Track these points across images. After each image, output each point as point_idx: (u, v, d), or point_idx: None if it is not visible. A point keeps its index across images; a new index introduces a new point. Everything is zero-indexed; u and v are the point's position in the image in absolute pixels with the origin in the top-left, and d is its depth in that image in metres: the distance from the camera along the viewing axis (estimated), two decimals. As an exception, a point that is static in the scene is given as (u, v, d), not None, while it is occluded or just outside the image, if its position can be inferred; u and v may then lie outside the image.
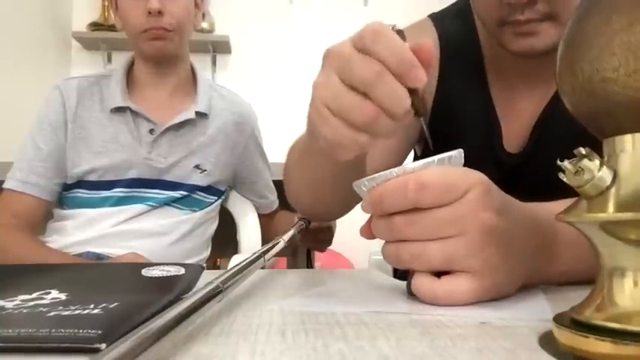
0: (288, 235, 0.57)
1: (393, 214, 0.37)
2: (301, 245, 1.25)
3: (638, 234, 0.24)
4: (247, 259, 0.40)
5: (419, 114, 0.38)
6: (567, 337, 0.24)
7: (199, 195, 1.13)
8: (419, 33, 0.75)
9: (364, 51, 0.36)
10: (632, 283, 0.24)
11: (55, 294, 0.34)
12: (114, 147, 1.06)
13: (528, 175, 0.69)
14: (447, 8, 0.78)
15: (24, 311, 0.30)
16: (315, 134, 0.42)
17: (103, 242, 1.02)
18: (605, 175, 0.24)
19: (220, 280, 0.31)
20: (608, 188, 0.24)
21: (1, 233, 1.01)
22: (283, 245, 0.53)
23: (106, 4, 2.70)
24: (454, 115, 0.72)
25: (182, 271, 0.40)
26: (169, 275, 0.39)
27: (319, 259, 2.47)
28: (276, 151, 1.17)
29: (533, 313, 0.34)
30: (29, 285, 0.36)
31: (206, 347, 0.26)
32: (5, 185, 1.05)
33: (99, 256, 1.01)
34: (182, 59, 1.14)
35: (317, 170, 0.55)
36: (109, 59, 2.83)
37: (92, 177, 1.06)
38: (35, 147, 1.06)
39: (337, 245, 1.06)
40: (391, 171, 0.37)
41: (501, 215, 0.37)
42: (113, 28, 2.61)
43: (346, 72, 0.37)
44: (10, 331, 0.26)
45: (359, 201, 0.62)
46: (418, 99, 0.37)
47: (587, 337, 0.23)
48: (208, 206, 1.15)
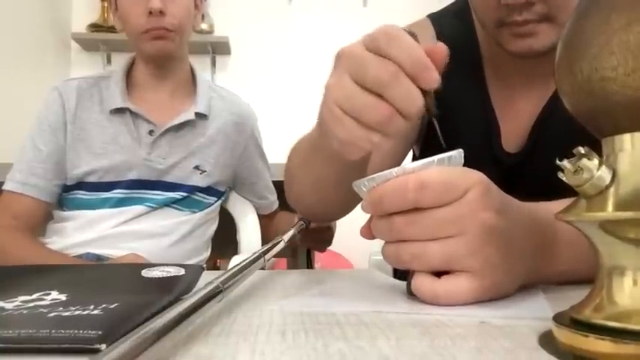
0: (288, 236, 0.57)
1: (393, 214, 0.37)
2: (301, 245, 1.25)
3: (637, 233, 0.24)
4: (247, 260, 0.40)
5: (431, 114, 0.38)
6: (567, 337, 0.25)
7: (199, 196, 1.13)
8: (417, 33, 0.75)
9: (379, 52, 0.37)
10: (631, 282, 0.24)
11: (55, 295, 0.34)
12: (113, 148, 1.06)
13: (527, 175, 0.69)
14: (446, 8, 0.78)
15: (24, 312, 0.30)
16: (327, 134, 0.42)
17: (103, 243, 1.02)
18: (604, 175, 0.24)
19: (220, 281, 0.31)
20: (607, 187, 0.24)
21: (1, 235, 1.01)
22: (283, 245, 0.53)
23: (106, 6, 2.70)
24: (452, 115, 0.72)
25: (182, 272, 0.40)
26: (169, 276, 0.39)
27: (319, 260, 2.47)
28: (276, 152, 1.17)
29: (532, 313, 0.34)
30: (29, 286, 0.36)
31: (206, 347, 0.26)
32: (5, 187, 1.05)
33: (99, 257, 1.01)
34: (182, 60, 1.14)
35: (322, 170, 0.55)
36: (109, 60, 2.83)
37: (92, 178, 1.06)
38: (35, 148, 1.06)
39: (337, 245, 1.06)
40: (391, 171, 0.37)
41: (501, 215, 0.37)
42: (112, 30, 2.61)
43: (360, 73, 0.37)
44: (10, 332, 0.26)
45: (359, 202, 0.63)
46: (431, 99, 0.38)
47: (586, 336, 0.23)
48: (208, 207, 1.15)
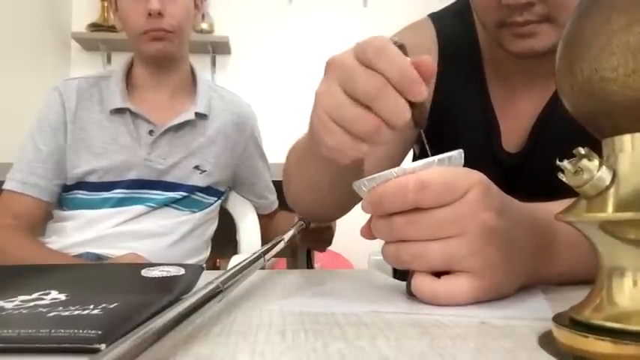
0: (288, 236, 0.57)
1: (393, 215, 0.37)
2: (301, 245, 1.25)
3: (637, 234, 0.24)
4: (247, 259, 0.40)
5: (418, 126, 0.39)
6: (567, 337, 0.24)
7: (199, 196, 1.13)
8: (418, 33, 0.75)
9: (368, 65, 0.37)
10: (631, 283, 0.24)
11: (55, 294, 0.34)
12: (114, 148, 1.06)
13: (527, 175, 0.69)
14: (447, 8, 0.78)
15: (24, 312, 0.30)
16: (316, 140, 0.43)
17: (103, 243, 1.02)
18: (604, 175, 0.24)
19: (220, 280, 0.31)
20: (607, 188, 0.24)
21: (1, 234, 1.01)
22: (283, 245, 0.53)
23: (106, 5, 2.70)
24: (453, 115, 0.72)
25: (182, 272, 0.40)
26: (169, 276, 0.39)
27: (319, 260, 2.47)
28: (276, 152, 1.17)
29: (532, 313, 0.34)
30: (29, 285, 0.36)
31: (206, 347, 0.26)
32: (5, 186, 1.05)
33: (99, 257, 1.01)
34: (182, 60, 1.14)
35: (316, 172, 0.55)
36: (109, 60, 2.83)
37: (92, 178, 1.06)
38: (35, 148, 1.06)
39: (337, 245, 1.06)
40: (391, 171, 0.37)
41: (501, 215, 0.37)
42: (113, 29, 2.61)
43: (350, 84, 0.38)
44: (10, 332, 0.26)
45: (357, 202, 0.63)
46: (418, 111, 0.38)
47: (586, 337, 0.23)
48: (208, 207, 1.15)
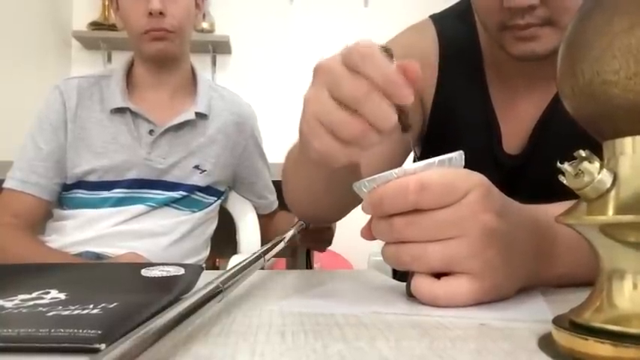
0: (287, 236, 0.57)
1: (394, 216, 0.37)
2: (301, 245, 1.25)
3: (637, 236, 0.24)
4: (247, 260, 0.40)
5: (405, 129, 0.39)
6: (566, 339, 0.24)
7: (199, 195, 1.13)
8: (419, 34, 0.75)
9: (354, 69, 0.37)
10: (631, 286, 0.24)
11: (55, 294, 0.34)
12: (114, 147, 1.06)
13: (528, 177, 0.69)
14: (449, 8, 0.78)
15: (23, 311, 0.30)
16: (306, 145, 0.43)
17: (103, 242, 1.02)
18: (605, 178, 0.24)
19: (220, 280, 0.31)
20: (608, 191, 0.24)
21: (1, 233, 1.01)
22: (283, 245, 0.53)
23: (107, 4, 2.69)
24: (453, 116, 0.72)
25: (182, 272, 0.40)
26: (169, 275, 0.39)
27: (319, 260, 2.47)
28: (276, 152, 1.17)
29: (532, 315, 0.34)
30: (28, 284, 0.36)
31: (206, 347, 0.26)
32: (5, 185, 1.05)
33: (98, 256, 1.01)
34: (182, 60, 1.14)
35: (310, 176, 0.55)
36: (109, 59, 2.83)
37: (92, 177, 1.06)
38: (35, 147, 1.06)
39: (337, 246, 1.06)
40: (391, 172, 0.37)
41: (502, 217, 0.37)
42: (113, 28, 2.61)
43: (336, 89, 0.38)
44: (10, 331, 0.26)
45: (356, 204, 0.63)
46: (405, 115, 0.38)
47: (586, 340, 0.23)
48: (208, 207, 1.15)
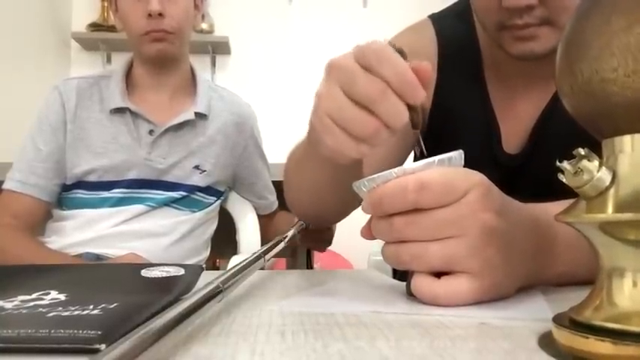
0: (288, 236, 0.57)
1: (393, 215, 0.37)
2: (301, 245, 1.25)
3: (637, 234, 0.24)
4: (247, 260, 0.40)
5: (416, 127, 0.40)
6: (566, 338, 0.24)
7: (199, 195, 1.13)
8: (418, 33, 0.75)
9: (368, 69, 0.38)
10: (631, 284, 0.24)
11: (55, 294, 0.34)
12: (114, 148, 1.06)
13: (527, 176, 0.69)
14: (448, 8, 0.78)
15: (23, 312, 0.30)
16: (317, 141, 0.44)
17: (103, 243, 1.02)
18: (604, 176, 0.24)
19: (220, 281, 0.31)
20: (607, 189, 0.24)
21: (1, 234, 1.01)
22: (283, 245, 0.53)
23: (106, 5, 2.69)
24: (453, 116, 0.72)
25: (182, 272, 0.40)
26: (169, 276, 0.39)
27: (319, 260, 2.47)
28: (276, 152, 1.17)
29: (532, 314, 0.34)
30: (28, 285, 0.36)
31: (206, 347, 0.26)
32: (5, 186, 1.05)
33: (98, 257, 1.01)
34: (182, 60, 1.14)
35: (315, 173, 0.55)
36: (109, 60, 2.83)
37: (92, 177, 1.06)
38: (35, 148, 1.06)
39: (337, 246, 1.06)
40: (391, 172, 0.37)
41: (501, 216, 0.37)
42: (113, 29, 2.61)
43: (351, 87, 0.39)
44: (10, 332, 0.26)
45: (356, 205, 0.63)
46: (416, 114, 0.39)
47: (586, 338, 0.23)
48: (208, 207, 1.15)
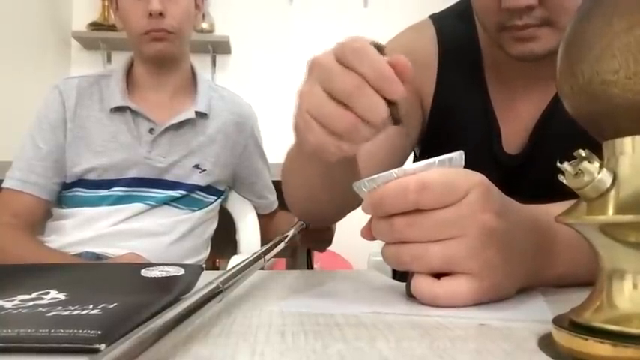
0: (288, 236, 0.57)
1: (394, 216, 0.37)
2: (301, 245, 1.25)
3: (637, 236, 0.24)
4: (247, 260, 0.40)
5: (396, 122, 0.39)
6: (566, 339, 0.24)
7: (199, 195, 1.13)
8: (418, 33, 0.75)
9: (346, 64, 0.38)
10: (631, 286, 0.24)
11: (54, 294, 0.34)
12: (114, 146, 1.06)
13: (528, 177, 0.69)
14: (449, 8, 0.78)
15: (23, 311, 0.30)
16: (301, 139, 0.44)
17: (102, 242, 1.02)
18: (604, 178, 0.24)
19: (220, 280, 0.31)
20: (607, 191, 0.24)
21: (1, 233, 1.01)
22: (283, 245, 0.53)
23: (106, 4, 2.69)
24: (453, 116, 0.72)
25: (181, 272, 0.40)
26: (169, 276, 0.39)
27: (319, 260, 2.47)
28: (276, 152, 1.17)
29: (532, 315, 0.34)
30: (28, 285, 0.36)
31: (205, 348, 0.26)
32: (5, 185, 1.05)
33: (98, 256, 1.01)
34: (182, 60, 1.14)
35: (308, 172, 0.56)
36: (109, 59, 2.83)
37: (91, 176, 1.06)
38: (35, 146, 1.06)
39: (337, 246, 1.06)
40: (391, 172, 0.37)
41: (502, 217, 0.37)
42: (113, 28, 2.61)
43: (329, 83, 0.39)
44: (10, 331, 0.26)
45: (354, 207, 0.63)
46: (396, 109, 0.39)
47: (586, 339, 0.23)
48: (207, 206, 1.15)
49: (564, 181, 0.26)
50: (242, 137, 1.19)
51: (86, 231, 1.03)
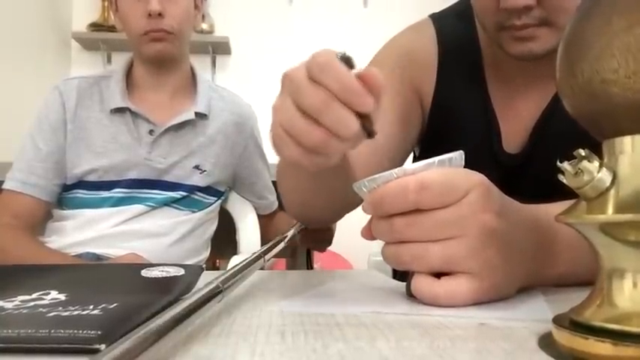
0: (288, 236, 0.57)
1: (394, 216, 0.37)
2: (301, 245, 1.25)
3: (637, 235, 0.24)
4: (247, 260, 0.40)
5: (370, 135, 0.39)
6: (567, 339, 0.24)
7: (199, 195, 1.13)
8: (418, 33, 0.75)
9: (313, 79, 0.38)
10: (631, 285, 0.24)
11: (55, 294, 0.34)
12: (114, 147, 1.06)
13: (528, 176, 0.69)
14: (449, 8, 0.78)
15: (23, 312, 0.30)
16: (278, 152, 0.44)
17: (103, 243, 1.02)
18: (604, 177, 0.24)
19: (220, 280, 0.31)
20: (607, 190, 0.24)
21: (1, 234, 1.01)
22: (283, 245, 0.53)
23: (106, 5, 2.69)
24: (453, 116, 0.72)
25: (182, 272, 0.40)
26: (169, 276, 0.39)
27: (319, 260, 2.47)
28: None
29: (532, 315, 0.34)
30: (28, 285, 0.36)
31: (206, 348, 0.26)
32: (5, 186, 1.05)
33: (98, 257, 1.01)
34: (182, 61, 1.14)
35: (297, 176, 0.55)
36: (109, 60, 2.83)
37: (92, 177, 1.06)
38: (35, 147, 1.06)
39: (337, 246, 1.06)
40: (391, 172, 0.37)
41: (502, 217, 0.37)
42: (113, 29, 2.60)
43: (299, 98, 0.39)
44: (10, 332, 0.26)
45: (350, 208, 0.63)
46: (369, 122, 0.38)
47: (586, 339, 0.23)
48: (208, 207, 1.15)
49: (564, 181, 0.26)
50: (242, 137, 1.19)
51: (87, 232, 1.03)
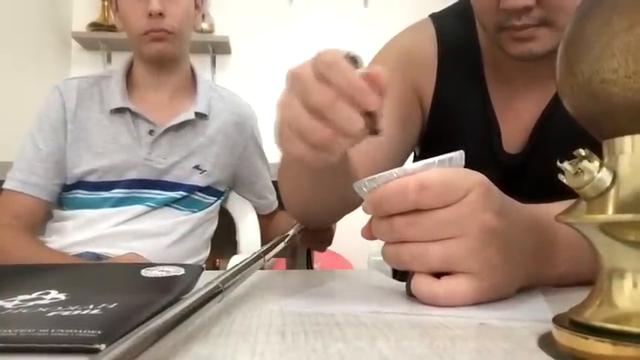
0: (288, 236, 0.57)
1: (394, 215, 0.37)
2: (301, 245, 1.25)
3: (637, 235, 0.24)
4: (247, 260, 0.40)
5: (374, 133, 0.39)
6: (567, 338, 0.24)
7: (199, 195, 1.13)
8: (418, 33, 0.75)
9: (320, 77, 0.38)
10: (631, 285, 0.24)
11: (55, 294, 0.34)
12: (114, 148, 1.06)
13: (528, 176, 0.69)
14: (449, 8, 0.78)
15: (23, 311, 0.30)
16: (283, 149, 0.44)
17: (103, 242, 1.02)
18: (604, 177, 0.24)
19: (220, 280, 0.31)
20: (607, 189, 0.24)
21: (1, 233, 1.01)
22: (283, 245, 0.53)
23: (106, 5, 2.70)
24: (453, 115, 0.72)
25: (182, 272, 0.40)
26: (169, 276, 0.39)
27: (319, 260, 2.47)
28: (276, 152, 1.17)
29: (532, 314, 0.34)
30: (29, 285, 0.36)
31: (205, 348, 0.26)
32: (5, 185, 1.05)
33: (98, 257, 1.01)
34: (182, 60, 1.14)
35: (299, 176, 0.56)
36: (109, 59, 2.83)
37: (92, 178, 1.06)
38: (35, 147, 1.06)
39: (337, 246, 1.06)
40: (391, 172, 0.37)
41: (502, 216, 0.37)
42: (113, 29, 2.61)
43: (305, 96, 0.39)
44: (10, 331, 0.26)
45: (349, 209, 0.63)
46: (374, 120, 0.39)
47: (586, 339, 0.23)
48: (208, 207, 1.15)
49: (564, 180, 0.26)
50: (242, 137, 1.19)
51: (87, 232, 1.03)
